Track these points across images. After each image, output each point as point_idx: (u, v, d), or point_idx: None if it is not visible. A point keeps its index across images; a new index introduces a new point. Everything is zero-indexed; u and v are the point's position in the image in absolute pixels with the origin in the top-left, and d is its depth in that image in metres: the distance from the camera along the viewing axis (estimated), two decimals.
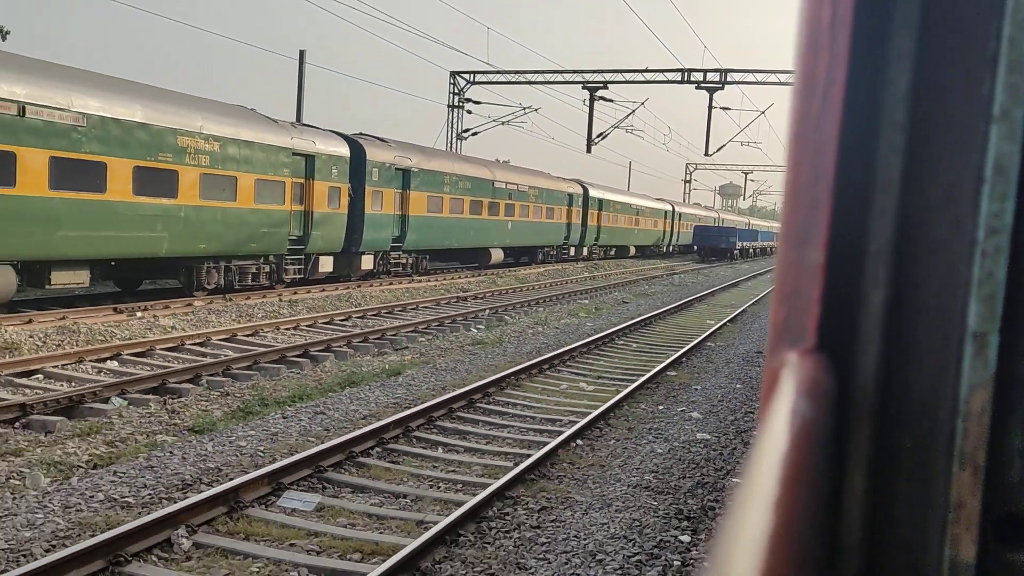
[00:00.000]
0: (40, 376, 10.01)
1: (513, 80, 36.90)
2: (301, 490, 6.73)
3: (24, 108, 12.15)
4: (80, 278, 14.04)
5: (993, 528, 0.62)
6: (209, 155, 15.98)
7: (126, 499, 6.15)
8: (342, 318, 16.51)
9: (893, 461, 0.63)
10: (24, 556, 5.10)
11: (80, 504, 5.97)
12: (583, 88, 36.14)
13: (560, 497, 6.78)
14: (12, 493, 6.27)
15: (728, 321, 19.75)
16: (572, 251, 39.02)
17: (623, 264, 42.83)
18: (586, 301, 23.74)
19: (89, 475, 6.69)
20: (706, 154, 37.01)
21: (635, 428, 9.24)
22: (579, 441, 8.49)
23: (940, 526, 0.62)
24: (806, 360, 0.63)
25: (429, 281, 25.11)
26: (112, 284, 17.47)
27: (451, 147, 37.11)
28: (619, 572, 5.37)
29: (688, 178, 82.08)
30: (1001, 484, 0.62)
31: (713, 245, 55.11)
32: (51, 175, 12.69)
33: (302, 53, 30.14)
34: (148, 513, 5.75)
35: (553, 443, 8.06)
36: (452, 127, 37.38)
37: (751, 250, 64.13)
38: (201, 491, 6.29)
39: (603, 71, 36.06)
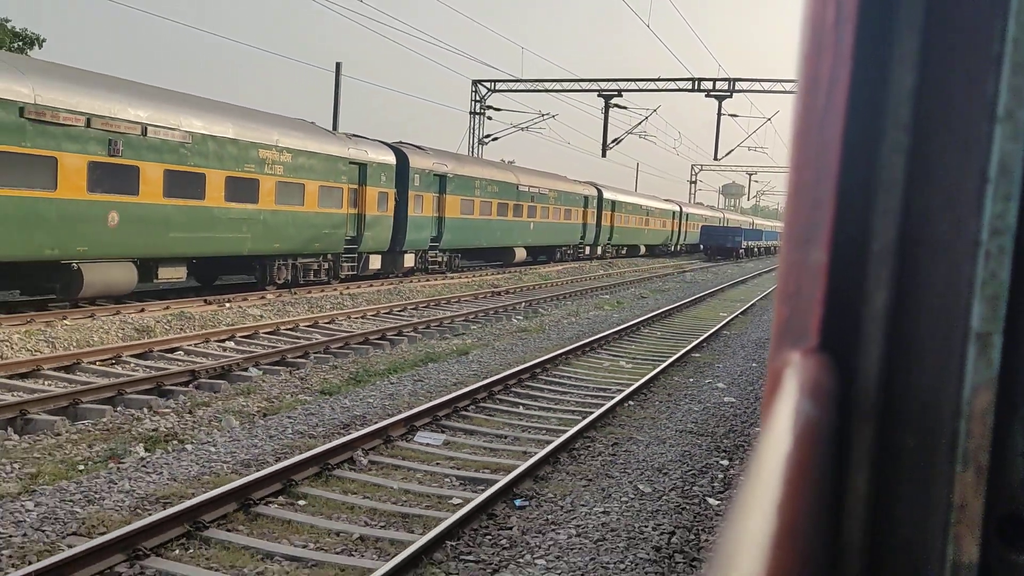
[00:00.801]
0: (181, 352, 12.14)
1: (532, 88, 39.00)
2: (428, 431, 8.85)
3: (146, 129, 14.30)
4: (179, 273, 16.19)
5: (996, 529, 0.61)
6: (283, 165, 18.13)
7: (309, 433, 8.28)
8: (399, 309, 18.65)
9: (895, 461, 0.63)
10: (262, 463, 7.22)
11: (279, 435, 8.11)
12: (598, 96, 38.24)
13: (625, 437, 8.90)
14: (219, 431, 8.39)
15: (740, 313, 21.85)
16: (587, 250, 41.13)
17: (635, 263, 44.96)
18: (607, 296, 25.84)
19: (267, 419, 8.81)
20: (715, 159, 39.17)
21: (673, 394, 11.36)
22: (630, 402, 10.60)
23: (943, 527, 0.61)
24: (809, 360, 0.63)
25: (462, 278, 27.23)
26: (188, 279, 19.56)
27: (472, 152, 39.19)
28: (680, 479, 7.49)
29: (694, 179, 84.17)
30: (1004, 485, 0.61)
31: (719, 244, 57.27)
32: (165, 185, 14.83)
33: (338, 65, 32.25)
34: (330, 441, 7.87)
35: (611, 403, 10.17)
36: (474, 133, 39.47)
37: (755, 249, 66.28)
38: (360, 429, 8.40)
39: (617, 80, 38.17)
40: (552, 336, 16.15)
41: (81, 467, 6.99)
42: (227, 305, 16.58)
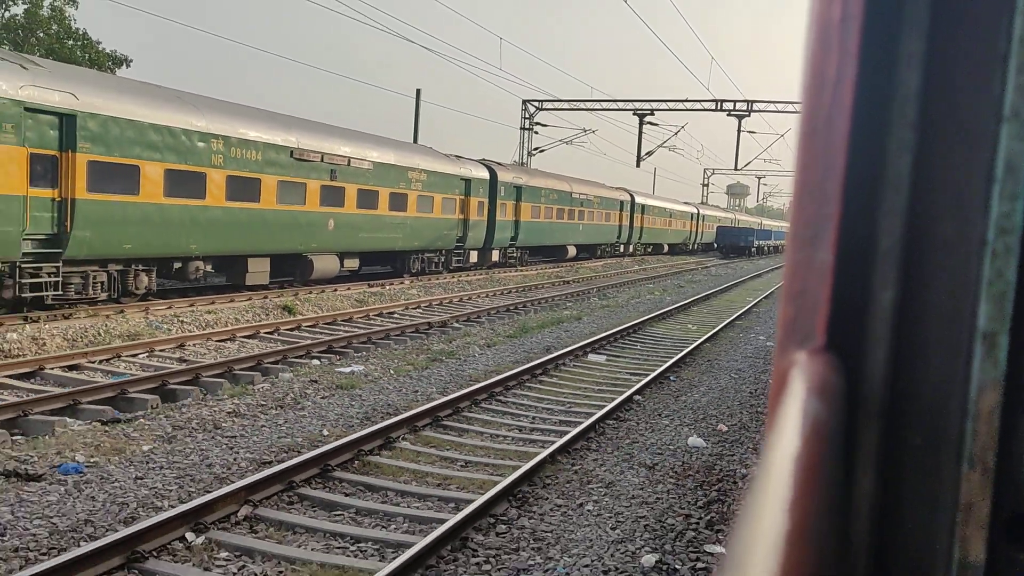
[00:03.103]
0: (395, 315, 17.99)
1: (575, 108, 44.84)
2: (593, 353, 14.67)
3: (350, 160, 20.17)
4: (355, 264, 22.07)
5: (1002, 528, 0.61)
6: (421, 183, 24.01)
7: (530, 352, 14.11)
8: (506, 292, 24.49)
9: (902, 461, 0.63)
10: (521, 363, 13.01)
11: (514, 353, 13.94)
12: (633, 114, 44.04)
13: (712, 358, 14.74)
14: (468, 353, 14.19)
15: (763, 298, 27.65)
16: (622, 248, 46.98)
17: (661, 259, 50.83)
18: (652, 286, 31.62)
19: (493, 349, 14.61)
20: (736, 169, 44.97)
21: (732, 341, 17.20)
22: (707, 344, 16.44)
23: (949, 526, 0.62)
24: (815, 360, 0.63)
25: (532, 270, 33.09)
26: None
27: (522, 163, 45.01)
28: (751, 373, 13.32)
29: (706, 182, 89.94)
30: (1010, 484, 0.61)
31: (734, 243, 63.23)
32: (358, 200, 20.71)
33: (418, 92, 38.10)
34: (545, 356, 13.65)
35: (696, 343, 16.00)
36: (523, 146, 45.32)
37: (765, 248, 72.22)
38: (559, 352, 14.20)
39: (650, 100, 43.94)
40: (630, 311, 21.97)
41: (423, 364, 12.81)
42: (386, 287, 22.44)
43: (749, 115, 41.53)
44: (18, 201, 11.98)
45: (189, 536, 5.59)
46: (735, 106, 41.64)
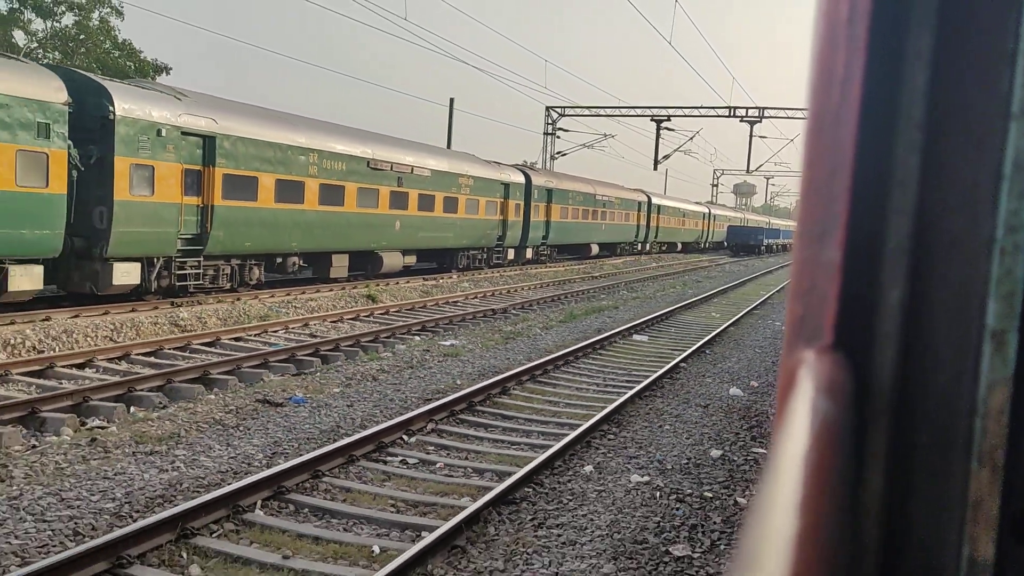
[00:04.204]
0: (458, 304, 20.66)
1: (595, 114, 47.47)
2: (638, 334, 17.31)
3: (413, 168, 22.88)
4: (412, 260, 24.77)
5: (1011, 527, 0.62)
6: (469, 187, 26.71)
7: (586, 332, 16.76)
8: (544, 285, 27.16)
9: (911, 459, 0.63)
10: (580, 340, 15.67)
11: (572, 333, 16.60)
12: (651, 120, 46.66)
13: (737, 339, 17.37)
14: (533, 333, 16.84)
15: (775, 292, 30.25)
16: (639, 246, 49.60)
17: (676, 257, 53.43)
18: (672, 281, 34.23)
19: (552, 330, 17.26)
20: (747, 172, 47.57)
21: (752, 326, 19.83)
22: (731, 328, 19.07)
23: (958, 524, 0.62)
24: (823, 358, 0.63)
25: (562, 266, 35.74)
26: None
27: (545, 166, 47.65)
28: (772, 350, 15.95)
29: (716, 182, 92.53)
30: (1019, 483, 0.62)
31: (744, 242, 65.87)
32: (418, 203, 23.41)
33: (451, 100, 40.81)
34: (598, 336, 16.29)
35: (722, 327, 18.64)
36: (546, 150, 47.99)
37: (774, 246, 74.81)
38: (608, 333, 16.83)
39: (666, 107, 46.57)
40: (658, 301, 24.61)
41: (502, 341, 15.44)
42: (440, 281, 25.13)
43: (760, 121, 44.10)
44: (175, 208, 14.70)
45: (405, 437, 8.29)
46: (747, 112, 44.21)
